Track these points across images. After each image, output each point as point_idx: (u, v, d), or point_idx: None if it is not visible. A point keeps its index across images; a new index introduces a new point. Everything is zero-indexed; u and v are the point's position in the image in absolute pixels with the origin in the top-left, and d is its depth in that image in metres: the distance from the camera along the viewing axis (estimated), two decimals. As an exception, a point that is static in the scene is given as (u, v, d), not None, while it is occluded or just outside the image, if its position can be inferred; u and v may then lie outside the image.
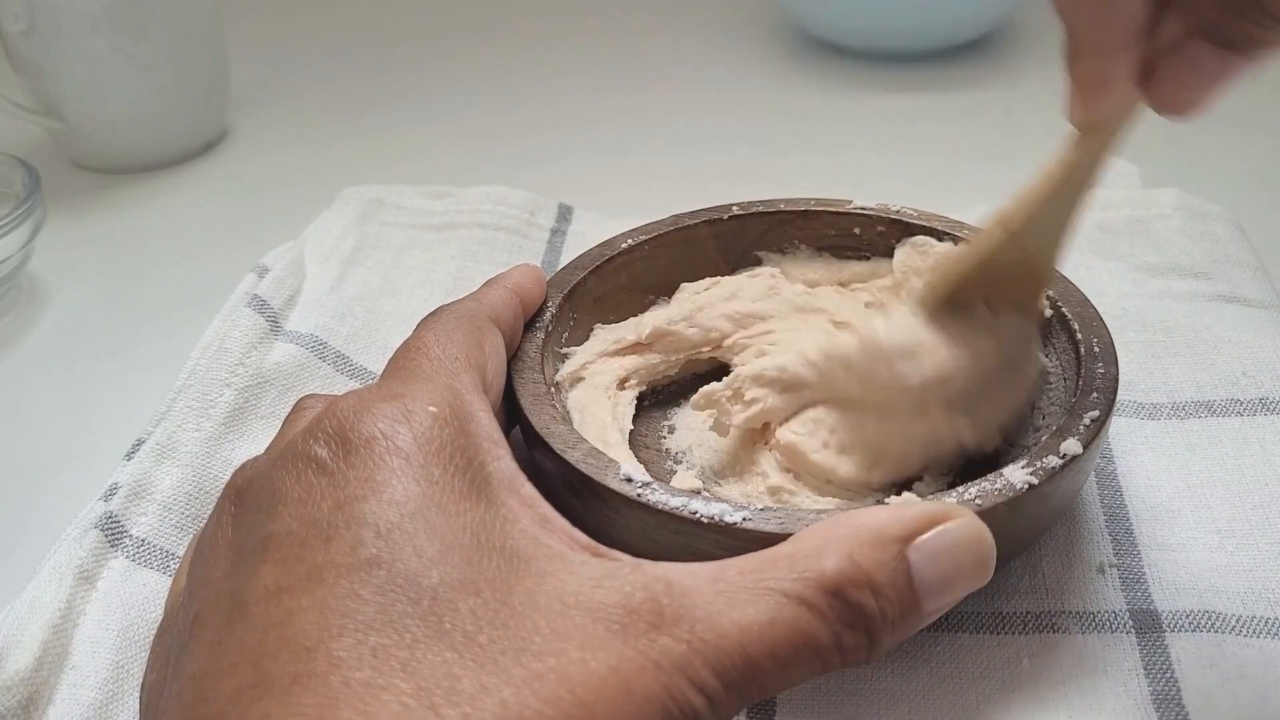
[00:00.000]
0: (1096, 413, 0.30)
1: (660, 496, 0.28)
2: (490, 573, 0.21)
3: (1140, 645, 0.29)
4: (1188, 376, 0.37)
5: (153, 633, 0.29)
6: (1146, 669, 0.28)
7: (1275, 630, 0.29)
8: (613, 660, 0.20)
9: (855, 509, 0.26)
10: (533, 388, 0.32)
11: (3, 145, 0.54)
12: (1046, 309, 0.34)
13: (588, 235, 0.46)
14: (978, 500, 0.27)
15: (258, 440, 0.36)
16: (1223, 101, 0.27)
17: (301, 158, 0.62)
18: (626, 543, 0.25)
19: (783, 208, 0.40)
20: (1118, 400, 0.31)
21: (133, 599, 0.31)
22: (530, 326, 0.35)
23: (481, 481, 0.24)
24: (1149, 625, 0.29)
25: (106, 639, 0.30)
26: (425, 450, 0.24)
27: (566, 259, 0.40)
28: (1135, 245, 0.44)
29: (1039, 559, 0.31)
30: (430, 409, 0.25)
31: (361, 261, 0.45)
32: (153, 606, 0.31)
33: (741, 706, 0.21)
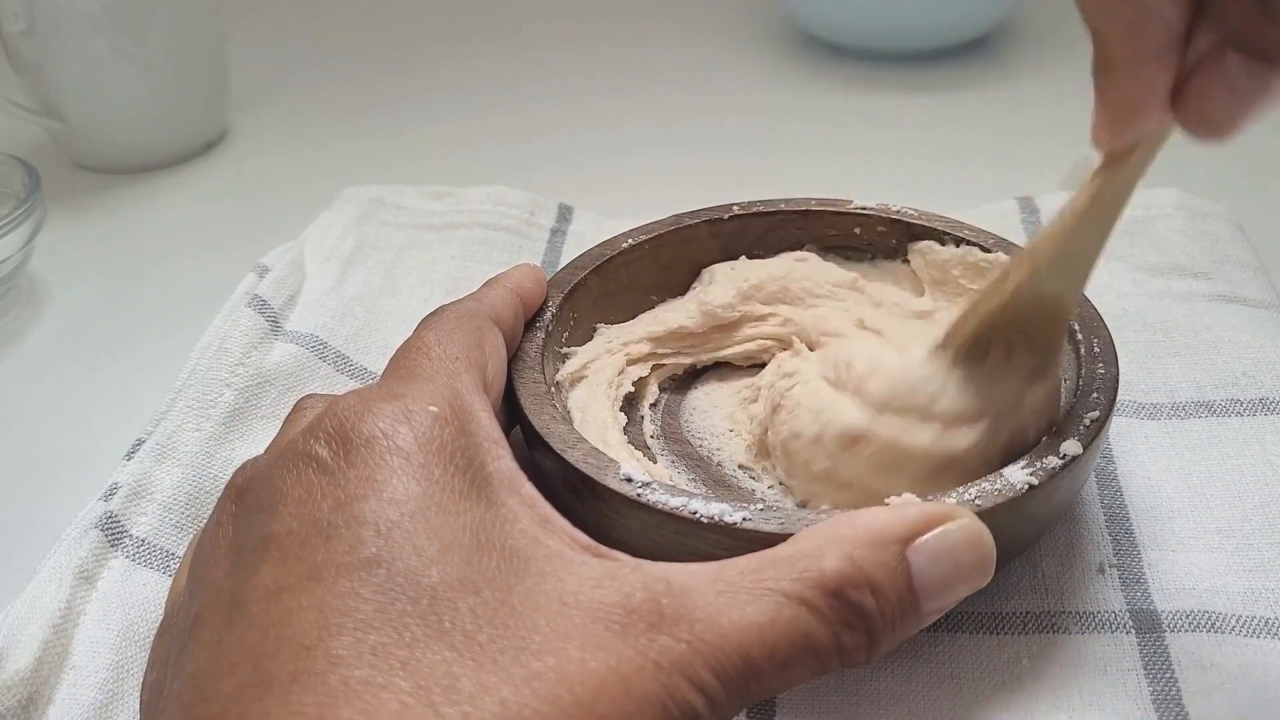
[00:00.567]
0: (1096, 413, 0.30)
1: (660, 496, 0.28)
2: (490, 572, 0.21)
3: (1140, 645, 0.29)
4: (1188, 376, 0.37)
5: (153, 632, 0.29)
6: (1146, 669, 0.28)
7: (1275, 630, 0.29)
8: (612, 660, 0.20)
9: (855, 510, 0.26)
10: (533, 387, 0.32)
11: (3, 145, 0.54)
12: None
13: (588, 235, 0.46)
14: (978, 501, 0.27)
15: (258, 440, 0.36)
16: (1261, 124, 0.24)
17: (301, 158, 0.62)
18: (626, 543, 0.25)
19: (783, 208, 0.40)
20: (1118, 400, 0.31)
21: (133, 599, 0.31)
22: (531, 326, 0.35)
23: (482, 481, 0.24)
24: (1149, 625, 0.29)
25: (106, 639, 0.29)
26: (425, 450, 0.24)
27: (567, 259, 0.39)
28: (1135, 245, 0.44)
29: (1039, 559, 0.31)
30: (431, 409, 0.25)
31: (361, 261, 0.45)
32: (153, 606, 0.31)
33: (741, 707, 0.21)
